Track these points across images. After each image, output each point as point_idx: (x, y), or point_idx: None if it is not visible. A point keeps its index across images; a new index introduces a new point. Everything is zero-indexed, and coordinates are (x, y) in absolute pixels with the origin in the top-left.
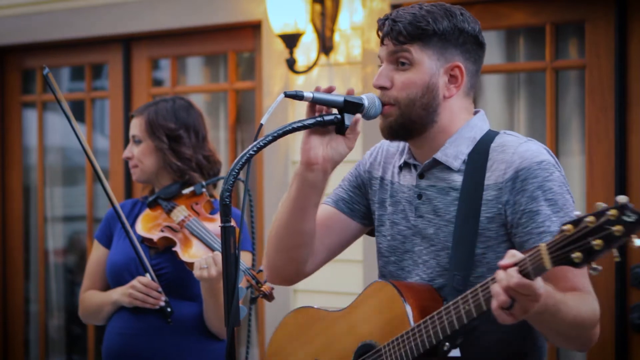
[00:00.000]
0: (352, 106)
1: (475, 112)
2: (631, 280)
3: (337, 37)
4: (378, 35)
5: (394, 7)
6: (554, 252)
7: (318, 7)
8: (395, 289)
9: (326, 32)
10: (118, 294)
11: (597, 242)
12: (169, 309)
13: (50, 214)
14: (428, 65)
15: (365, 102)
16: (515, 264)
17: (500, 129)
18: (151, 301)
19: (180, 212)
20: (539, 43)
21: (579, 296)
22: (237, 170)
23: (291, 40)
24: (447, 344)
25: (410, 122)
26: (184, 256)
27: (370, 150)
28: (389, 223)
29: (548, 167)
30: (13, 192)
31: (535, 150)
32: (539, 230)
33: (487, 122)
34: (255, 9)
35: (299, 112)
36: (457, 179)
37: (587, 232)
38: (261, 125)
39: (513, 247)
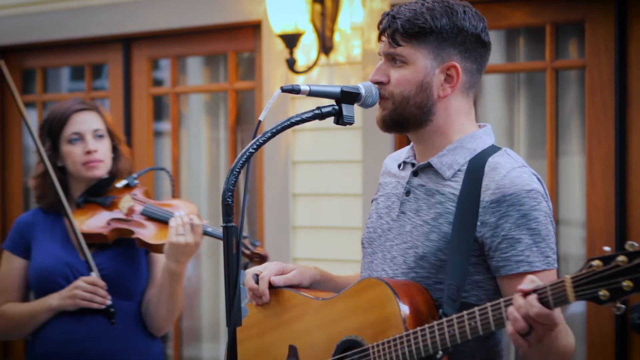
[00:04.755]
0: (349, 96)
1: (481, 126)
2: None
3: (337, 37)
4: (378, 28)
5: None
6: (580, 286)
7: (318, 7)
8: (390, 289)
9: (326, 32)
10: (57, 299)
11: (627, 284)
12: (112, 310)
13: None
14: (422, 64)
15: (362, 91)
16: (534, 291)
17: (500, 128)
18: (99, 300)
19: (127, 202)
20: (539, 43)
21: (564, 328)
22: (238, 169)
23: (291, 40)
24: (440, 352)
25: (404, 119)
26: (150, 240)
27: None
28: (375, 216)
29: (536, 197)
30: (13, 192)
31: (526, 178)
32: (517, 258)
33: (492, 137)
34: (255, 9)
35: (299, 108)
36: (447, 185)
37: (618, 271)
38: (259, 122)
39: (478, 264)
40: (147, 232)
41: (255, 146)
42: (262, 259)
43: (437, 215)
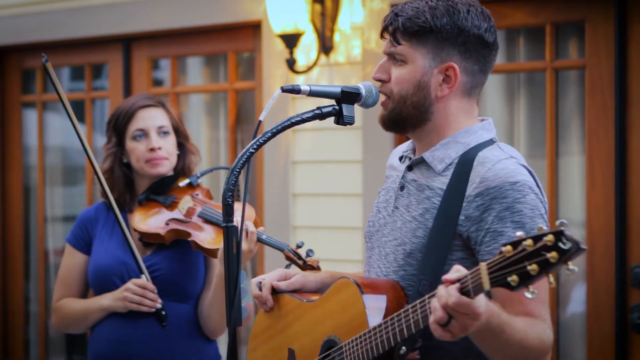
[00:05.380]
0: (349, 96)
1: (483, 120)
2: (631, 280)
3: (337, 37)
4: (382, 25)
5: (394, 6)
6: (492, 272)
7: (318, 7)
8: (358, 288)
9: (326, 32)
10: (109, 300)
11: (532, 267)
12: (163, 312)
13: (50, 214)
14: (421, 63)
15: (363, 91)
16: (457, 280)
17: (500, 128)
18: (148, 304)
19: (186, 203)
20: (539, 43)
21: (529, 322)
22: (238, 169)
23: (291, 40)
24: (403, 347)
25: (402, 119)
26: (205, 243)
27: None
28: (375, 210)
29: (521, 189)
30: (13, 192)
31: (512, 170)
32: None
33: (492, 132)
34: (255, 9)
35: (299, 108)
36: (437, 180)
37: (523, 255)
38: (260, 122)
39: (465, 258)
40: (204, 236)
41: (255, 146)
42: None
43: (424, 210)
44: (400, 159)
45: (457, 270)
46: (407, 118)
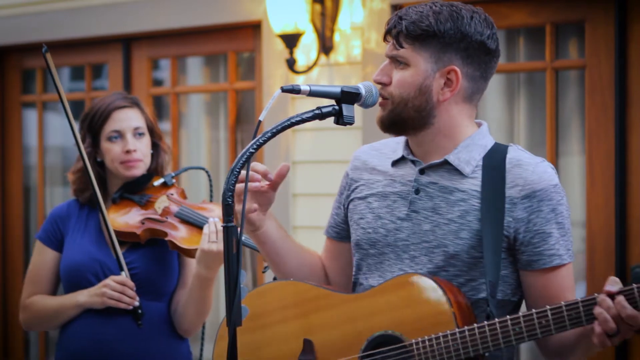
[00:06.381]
0: (349, 96)
1: (479, 124)
2: (631, 280)
3: (337, 37)
4: (385, 29)
5: (394, 7)
6: None
7: (318, 7)
8: (437, 285)
9: (326, 32)
10: (85, 296)
11: None
12: (140, 311)
13: None
14: (423, 67)
15: (362, 91)
16: (620, 292)
17: (500, 128)
18: (127, 300)
19: (162, 202)
20: (539, 43)
21: None
22: (238, 169)
23: (291, 40)
24: (490, 351)
25: (402, 120)
26: (182, 243)
27: (350, 163)
28: (371, 216)
29: (560, 191)
30: (13, 192)
31: (551, 173)
32: (550, 252)
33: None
34: (255, 9)
35: (299, 108)
36: (466, 182)
37: None
38: (259, 122)
39: (505, 258)
40: (180, 236)
41: (255, 146)
42: None
43: (464, 212)
44: (393, 163)
45: (615, 282)
46: (407, 120)
